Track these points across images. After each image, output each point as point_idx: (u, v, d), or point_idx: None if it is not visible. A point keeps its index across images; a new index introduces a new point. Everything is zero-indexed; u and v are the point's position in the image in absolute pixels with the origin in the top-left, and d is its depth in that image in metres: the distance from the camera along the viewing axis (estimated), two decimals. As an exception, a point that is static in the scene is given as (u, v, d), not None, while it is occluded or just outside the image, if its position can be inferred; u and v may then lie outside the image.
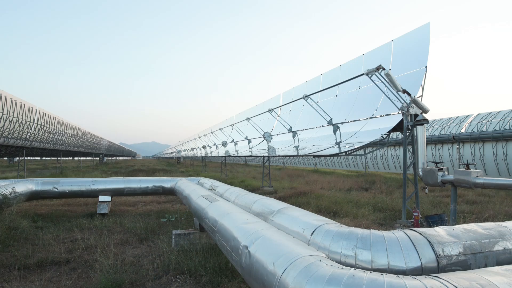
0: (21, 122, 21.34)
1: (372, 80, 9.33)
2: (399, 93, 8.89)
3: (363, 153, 10.82)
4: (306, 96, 13.39)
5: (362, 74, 9.46)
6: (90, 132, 51.43)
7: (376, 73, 8.74)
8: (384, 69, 8.28)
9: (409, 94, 8.64)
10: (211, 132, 36.48)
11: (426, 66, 9.75)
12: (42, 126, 26.33)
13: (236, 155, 22.68)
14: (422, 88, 9.63)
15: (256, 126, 21.24)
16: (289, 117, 18.73)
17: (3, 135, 19.24)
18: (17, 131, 21.12)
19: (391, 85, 8.59)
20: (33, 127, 23.83)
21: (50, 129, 28.95)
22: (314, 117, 15.19)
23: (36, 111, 23.99)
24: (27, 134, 22.81)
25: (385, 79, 8.59)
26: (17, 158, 24.53)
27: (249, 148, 21.83)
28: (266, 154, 16.49)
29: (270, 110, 18.13)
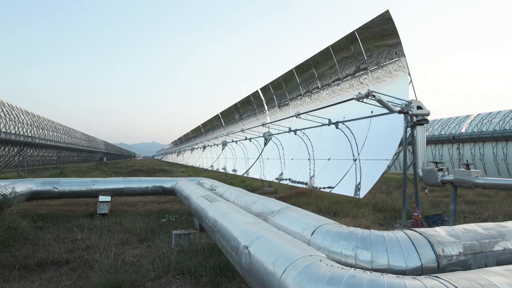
0: (10, 117, 21.44)
1: (364, 102, 9.34)
2: (397, 98, 8.98)
3: (387, 169, 10.45)
4: (298, 115, 13.75)
5: (352, 99, 9.51)
6: (82, 132, 51.46)
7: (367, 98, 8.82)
8: (374, 96, 8.41)
9: (406, 113, 8.71)
10: (207, 140, 36.66)
11: (404, 56, 9.72)
12: (34, 122, 26.40)
13: (246, 174, 21.15)
14: (409, 74, 9.73)
15: (253, 132, 21.46)
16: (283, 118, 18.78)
17: (2, 130, 19.27)
18: (12, 126, 21.22)
19: (385, 108, 8.73)
20: (24, 121, 23.90)
21: (43, 125, 28.99)
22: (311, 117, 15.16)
23: (16, 108, 24.12)
24: (21, 128, 22.91)
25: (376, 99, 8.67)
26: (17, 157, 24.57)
27: (259, 154, 21.15)
28: (282, 182, 15.78)
29: (263, 124, 18.67)
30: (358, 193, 9.62)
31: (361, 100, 8.86)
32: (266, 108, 21.49)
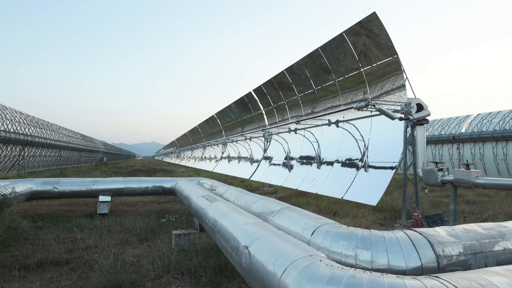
0: (6, 116, 21.47)
1: (362, 110, 9.39)
2: (397, 102, 9.01)
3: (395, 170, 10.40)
4: (298, 121, 13.82)
5: (351, 108, 9.55)
6: (79, 132, 51.39)
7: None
8: (374, 105, 8.48)
9: (407, 119, 8.75)
10: (207, 142, 36.58)
11: (397, 55, 9.69)
12: (30, 122, 26.34)
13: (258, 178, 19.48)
14: (404, 72, 9.76)
15: (252, 134, 21.38)
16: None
17: (0, 129, 19.26)
18: (10, 125, 21.23)
19: (386, 116, 8.83)
20: (21, 120, 23.86)
21: (39, 124, 28.97)
22: (311, 121, 15.09)
23: (10, 108, 24.17)
24: (20, 127, 22.92)
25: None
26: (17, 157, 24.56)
27: (262, 155, 20.70)
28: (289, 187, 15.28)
29: (263, 129, 18.53)
30: (371, 200, 9.57)
31: (361, 109, 8.94)
32: (265, 116, 21.23)
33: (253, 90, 20.54)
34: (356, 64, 11.37)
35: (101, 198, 11.47)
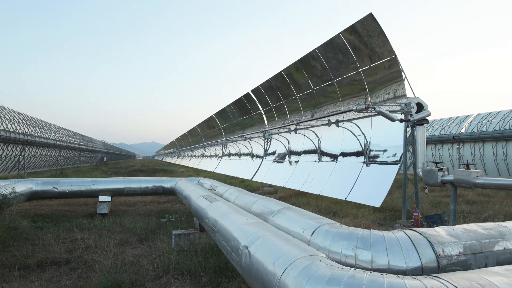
0: (6, 116, 21.45)
1: (363, 112, 9.41)
2: (397, 104, 9.02)
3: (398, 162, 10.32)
4: (298, 123, 13.83)
5: (351, 110, 9.57)
6: (78, 132, 51.24)
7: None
8: (374, 108, 8.50)
9: (407, 121, 8.77)
10: (208, 143, 36.54)
11: (395, 55, 9.73)
12: (29, 122, 26.26)
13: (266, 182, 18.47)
14: (403, 72, 9.81)
15: (252, 135, 21.28)
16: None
17: (0, 129, 19.22)
18: (10, 125, 21.22)
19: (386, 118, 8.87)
20: (20, 120, 23.82)
21: (38, 124, 28.90)
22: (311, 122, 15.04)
23: (8, 108, 24.19)
24: (19, 127, 22.90)
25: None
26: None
27: (264, 155, 20.56)
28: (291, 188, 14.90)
29: (264, 131, 18.44)
30: (374, 201, 9.56)
31: (359, 112, 8.96)
32: (265, 118, 21.15)
33: (251, 91, 20.59)
34: (357, 71, 11.40)
35: (101, 198, 11.46)
